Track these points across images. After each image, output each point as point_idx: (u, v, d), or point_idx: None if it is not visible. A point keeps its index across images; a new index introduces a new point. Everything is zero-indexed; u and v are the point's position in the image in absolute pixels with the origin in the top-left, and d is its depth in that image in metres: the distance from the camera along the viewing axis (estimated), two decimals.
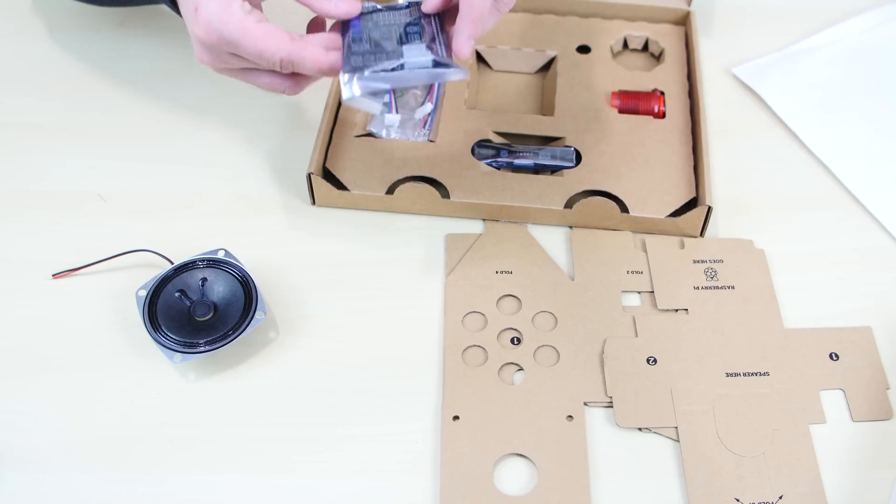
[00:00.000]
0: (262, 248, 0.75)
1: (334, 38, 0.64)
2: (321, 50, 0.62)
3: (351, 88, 0.60)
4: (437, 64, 0.61)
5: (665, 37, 0.90)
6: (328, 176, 0.78)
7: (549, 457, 0.63)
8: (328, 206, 0.78)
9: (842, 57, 0.90)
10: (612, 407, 0.66)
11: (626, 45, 0.91)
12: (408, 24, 0.63)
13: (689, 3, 0.90)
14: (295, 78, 0.65)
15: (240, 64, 0.64)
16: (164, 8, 0.71)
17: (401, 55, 0.61)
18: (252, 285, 0.69)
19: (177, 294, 0.69)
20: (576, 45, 0.89)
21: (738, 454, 0.64)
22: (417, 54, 0.61)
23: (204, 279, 0.70)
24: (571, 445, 0.64)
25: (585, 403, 0.66)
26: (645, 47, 0.91)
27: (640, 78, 0.86)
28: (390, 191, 0.77)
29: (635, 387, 0.67)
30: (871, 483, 0.63)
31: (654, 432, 0.65)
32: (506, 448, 0.64)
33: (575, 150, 0.80)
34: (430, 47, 0.61)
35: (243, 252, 0.72)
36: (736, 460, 0.63)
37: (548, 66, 0.89)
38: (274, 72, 0.64)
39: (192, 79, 0.87)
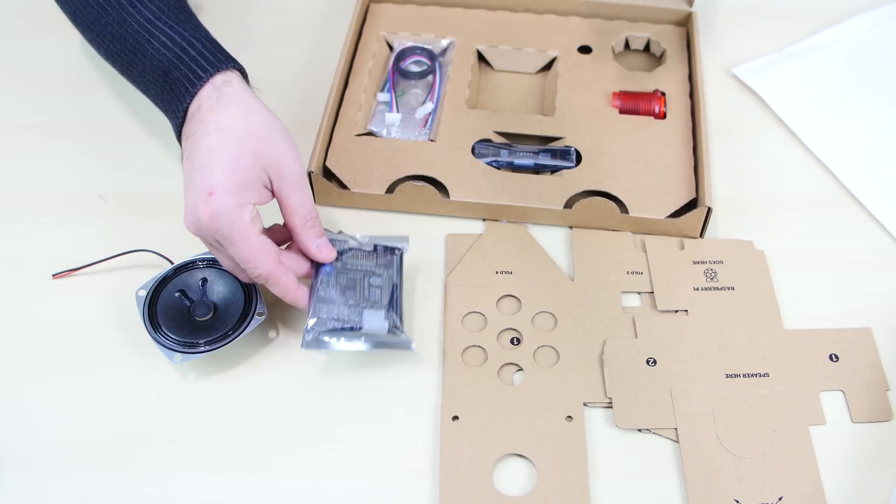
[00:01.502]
0: None
1: (306, 268, 0.68)
2: (294, 281, 0.66)
3: (309, 342, 0.65)
4: (390, 331, 0.66)
5: (666, 37, 0.90)
6: (328, 175, 0.78)
7: (548, 457, 0.63)
8: (328, 205, 0.78)
9: (842, 57, 0.90)
10: (611, 408, 0.66)
11: (627, 45, 0.91)
12: (372, 275, 0.69)
13: (691, 4, 0.90)
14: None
15: (219, 249, 0.66)
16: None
17: (360, 318, 0.66)
18: (252, 285, 0.69)
19: (177, 294, 0.69)
20: (577, 46, 0.89)
21: (737, 455, 0.64)
22: (375, 321, 0.66)
23: (204, 279, 0.70)
24: (571, 446, 0.64)
25: (585, 404, 0.66)
26: (646, 48, 0.91)
27: (641, 78, 0.86)
28: (390, 190, 0.77)
29: (635, 388, 0.67)
30: (871, 484, 0.63)
31: (654, 433, 0.65)
32: (505, 448, 0.64)
33: (575, 150, 0.80)
34: (388, 315, 0.67)
35: None
36: (736, 461, 0.63)
37: (549, 66, 0.89)
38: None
39: None
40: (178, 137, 0.69)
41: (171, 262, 0.71)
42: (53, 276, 0.73)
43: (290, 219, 0.66)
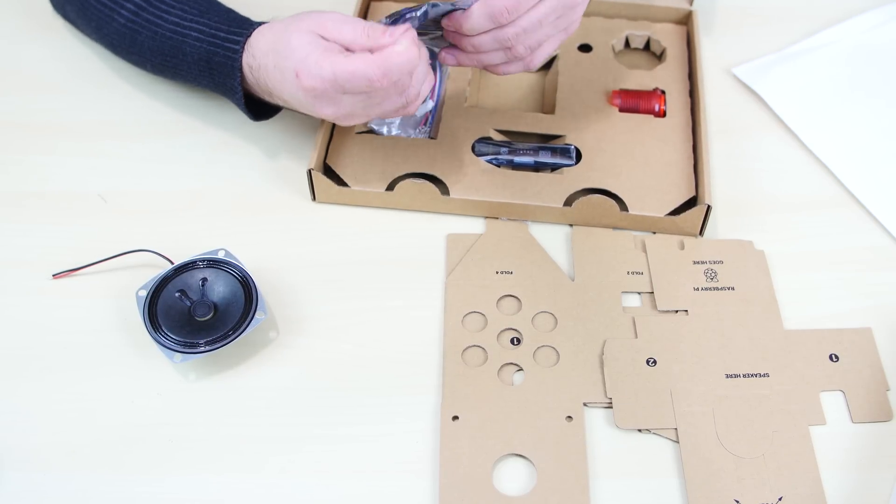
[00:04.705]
0: (262, 248, 0.75)
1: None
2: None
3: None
4: None
5: (667, 36, 0.90)
6: (329, 172, 0.78)
7: (548, 457, 0.64)
8: (328, 203, 0.79)
9: (842, 57, 0.90)
10: (611, 408, 0.66)
11: (627, 44, 0.91)
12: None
13: (691, 3, 0.90)
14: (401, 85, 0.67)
15: (356, 97, 0.68)
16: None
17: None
18: (252, 285, 0.69)
19: (177, 294, 0.69)
20: (577, 44, 0.89)
21: (737, 455, 0.64)
22: None
23: (204, 279, 0.70)
24: (571, 446, 0.64)
25: (585, 404, 0.66)
26: (646, 46, 0.91)
27: (641, 77, 0.86)
28: (390, 187, 0.77)
29: (635, 388, 0.67)
30: (871, 484, 0.63)
31: (654, 433, 0.65)
32: (505, 448, 0.64)
33: (575, 148, 0.80)
34: None
35: (243, 252, 0.72)
36: (736, 461, 0.63)
37: (550, 64, 0.89)
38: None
39: None
40: (246, 109, 0.76)
41: (171, 262, 0.71)
42: (53, 276, 0.73)
43: (358, 47, 0.67)
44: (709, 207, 0.73)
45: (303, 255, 0.75)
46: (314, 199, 0.79)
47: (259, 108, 0.78)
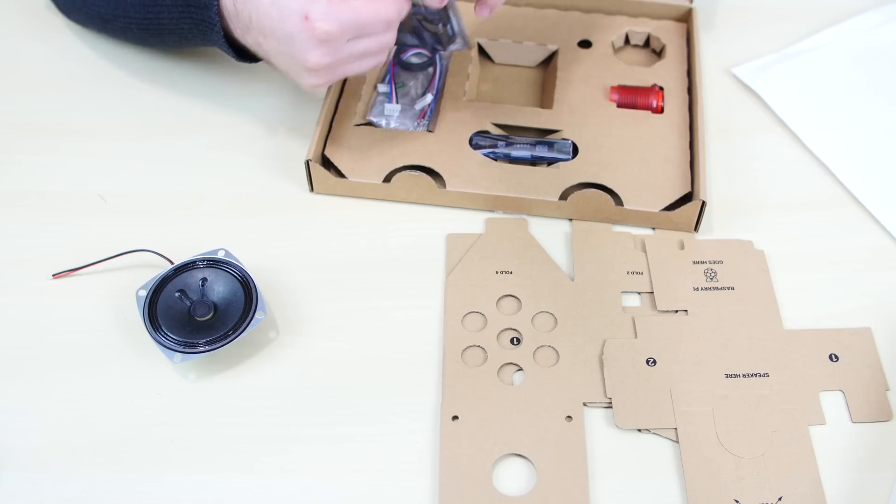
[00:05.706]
0: (262, 248, 0.75)
1: None
2: None
3: None
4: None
5: (667, 33, 0.90)
6: (327, 163, 0.78)
7: (548, 457, 0.64)
8: (326, 193, 0.79)
9: (842, 57, 0.90)
10: (611, 408, 0.66)
11: (627, 40, 0.91)
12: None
13: (692, 0, 0.90)
14: None
15: (357, 45, 0.68)
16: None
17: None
18: (252, 285, 0.69)
19: (177, 294, 0.69)
20: (577, 40, 0.89)
21: (737, 455, 0.64)
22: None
23: (204, 279, 0.70)
24: (570, 446, 0.64)
25: (585, 404, 0.66)
26: (646, 43, 0.91)
27: (639, 73, 0.86)
28: (387, 179, 0.77)
29: (635, 388, 0.67)
30: (871, 484, 0.63)
31: (654, 433, 0.65)
32: (505, 448, 0.64)
33: (572, 142, 0.80)
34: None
35: (243, 252, 0.72)
36: (735, 461, 0.63)
37: (549, 59, 0.89)
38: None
39: (192, 79, 0.87)
40: (229, 46, 0.74)
41: (171, 262, 0.71)
42: (53, 276, 0.73)
43: None
44: (704, 203, 0.74)
45: (303, 254, 0.75)
46: (311, 189, 0.79)
47: (243, 50, 0.77)
